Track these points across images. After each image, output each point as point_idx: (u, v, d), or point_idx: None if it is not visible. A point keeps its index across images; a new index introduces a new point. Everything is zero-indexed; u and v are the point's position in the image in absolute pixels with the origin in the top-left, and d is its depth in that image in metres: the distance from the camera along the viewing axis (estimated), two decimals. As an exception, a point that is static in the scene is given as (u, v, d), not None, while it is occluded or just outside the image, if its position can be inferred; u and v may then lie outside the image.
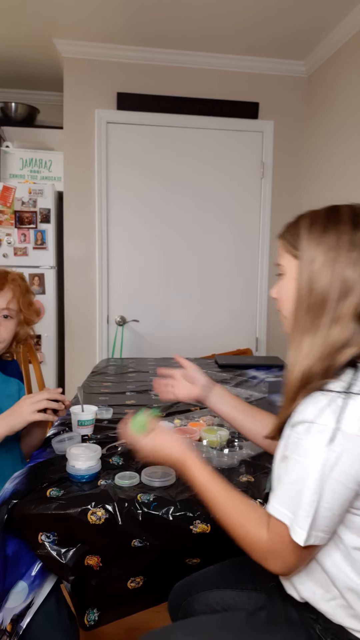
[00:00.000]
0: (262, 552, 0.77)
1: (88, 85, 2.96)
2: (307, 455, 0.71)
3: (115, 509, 0.96)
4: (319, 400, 0.73)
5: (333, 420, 0.70)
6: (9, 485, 1.03)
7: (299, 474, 0.72)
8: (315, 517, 0.70)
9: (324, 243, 0.78)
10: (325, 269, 0.77)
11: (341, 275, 0.76)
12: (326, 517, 0.71)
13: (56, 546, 0.95)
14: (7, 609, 0.93)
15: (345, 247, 0.77)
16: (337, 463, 0.69)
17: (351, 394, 0.72)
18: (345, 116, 2.62)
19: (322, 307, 0.77)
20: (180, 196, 3.12)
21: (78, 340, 3.12)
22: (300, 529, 0.71)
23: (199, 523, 0.97)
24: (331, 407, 0.71)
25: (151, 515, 0.97)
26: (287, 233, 0.86)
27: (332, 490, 0.70)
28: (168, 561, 1.03)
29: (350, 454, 0.69)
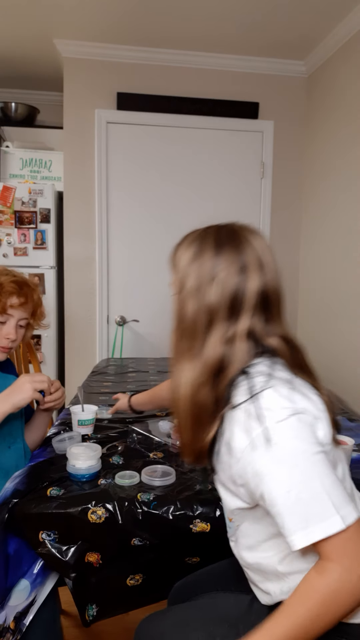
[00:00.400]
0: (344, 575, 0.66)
1: (88, 85, 2.96)
2: (278, 463, 0.70)
3: (115, 508, 0.97)
4: (239, 417, 0.75)
5: (263, 423, 0.71)
6: (9, 485, 1.03)
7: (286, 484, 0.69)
8: (332, 497, 0.68)
9: (192, 270, 0.81)
10: (192, 296, 0.80)
11: (206, 303, 0.79)
12: (338, 489, 0.69)
13: (57, 544, 0.96)
14: (10, 607, 0.93)
15: (208, 275, 0.79)
16: (303, 444, 0.70)
17: (255, 395, 0.74)
18: (345, 116, 2.62)
19: (194, 333, 0.80)
20: (180, 196, 3.12)
21: (78, 340, 3.13)
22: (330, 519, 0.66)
23: (198, 522, 0.97)
24: (250, 416, 0.73)
25: (151, 514, 0.97)
26: (173, 254, 0.89)
27: (322, 466, 0.70)
28: (168, 560, 1.03)
29: (300, 429, 0.71)
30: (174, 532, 0.97)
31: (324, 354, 2.84)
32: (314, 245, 2.98)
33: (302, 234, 3.18)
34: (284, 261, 3.22)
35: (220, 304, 0.79)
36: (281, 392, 0.74)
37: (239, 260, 0.81)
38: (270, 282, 0.84)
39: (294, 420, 0.71)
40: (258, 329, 0.81)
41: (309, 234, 3.06)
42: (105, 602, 1.01)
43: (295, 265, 3.23)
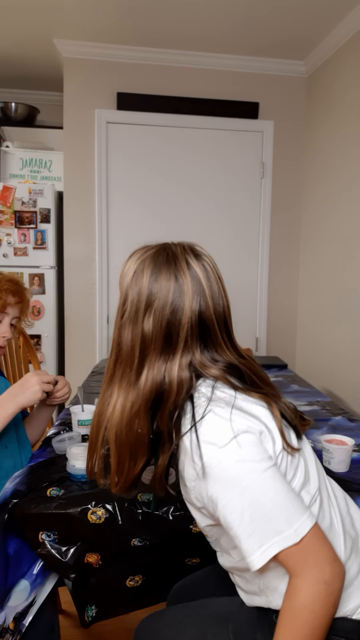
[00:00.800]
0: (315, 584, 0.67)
1: (88, 85, 2.96)
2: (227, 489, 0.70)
3: (115, 509, 0.97)
4: (186, 446, 0.74)
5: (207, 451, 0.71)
6: (9, 485, 1.03)
7: (239, 506, 0.69)
8: (283, 510, 0.68)
9: (129, 296, 0.80)
10: (128, 324, 0.79)
11: (141, 334, 0.78)
12: (290, 501, 0.69)
13: (57, 545, 0.96)
14: (9, 608, 0.93)
15: (143, 303, 0.78)
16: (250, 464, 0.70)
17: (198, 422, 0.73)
18: (345, 116, 2.62)
19: (128, 362, 0.79)
20: (180, 196, 3.12)
21: (78, 340, 3.13)
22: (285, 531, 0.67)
23: (199, 522, 0.97)
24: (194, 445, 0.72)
25: (151, 515, 0.97)
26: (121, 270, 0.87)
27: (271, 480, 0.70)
28: (167, 561, 1.03)
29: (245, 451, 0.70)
30: (173, 532, 0.97)
31: (324, 353, 2.84)
32: (314, 245, 2.98)
33: (302, 234, 3.18)
34: (284, 261, 3.22)
35: (155, 335, 0.77)
36: (221, 415, 0.73)
37: (174, 287, 0.78)
38: (210, 308, 0.81)
39: (235, 444, 0.70)
40: (197, 359, 0.79)
41: (309, 234, 3.06)
42: (105, 603, 1.01)
43: (295, 265, 3.23)
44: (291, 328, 3.28)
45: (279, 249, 3.21)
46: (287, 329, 3.27)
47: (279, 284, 3.23)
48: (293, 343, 3.31)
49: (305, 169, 3.14)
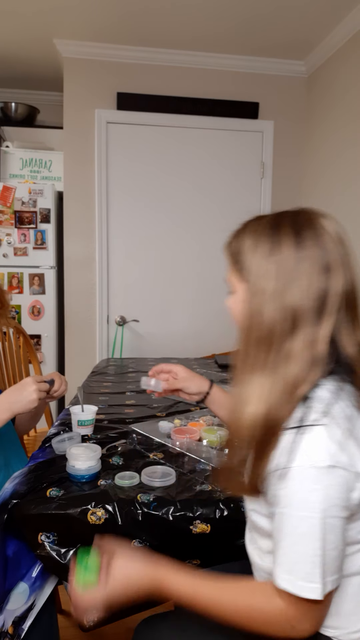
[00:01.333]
0: (286, 623, 0.69)
1: (88, 85, 2.96)
2: (290, 505, 0.67)
3: (115, 509, 0.96)
4: (283, 442, 0.69)
5: (299, 459, 0.66)
6: (8, 486, 1.03)
7: (292, 527, 0.67)
8: (325, 563, 0.66)
9: (267, 270, 0.71)
10: (273, 299, 0.70)
11: (290, 305, 0.70)
12: (334, 558, 0.67)
13: (56, 546, 0.95)
14: (8, 611, 0.92)
15: (291, 272, 0.70)
16: (324, 501, 0.64)
17: (305, 427, 0.67)
18: (345, 116, 2.62)
19: (270, 341, 0.71)
20: (180, 196, 3.12)
21: (78, 340, 3.12)
22: (313, 584, 0.66)
23: (198, 523, 0.97)
24: (291, 447, 0.67)
25: (151, 516, 0.97)
26: (231, 247, 0.79)
27: (332, 529, 0.65)
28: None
29: (332, 486, 0.65)
30: (174, 533, 0.97)
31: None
32: (314, 245, 2.98)
33: (302, 234, 3.18)
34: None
35: (304, 307, 0.69)
36: (332, 436, 0.66)
37: (322, 255, 0.71)
38: (352, 279, 0.73)
39: (326, 474, 0.65)
40: (341, 333, 0.72)
41: (309, 234, 3.06)
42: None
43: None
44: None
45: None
46: (287, 329, 3.27)
47: (279, 284, 3.22)
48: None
49: (305, 168, 3.14)
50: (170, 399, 1.76)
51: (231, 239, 0.80)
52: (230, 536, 0.98)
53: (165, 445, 1.27)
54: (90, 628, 0.99)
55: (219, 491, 1.02)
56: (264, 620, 0.71)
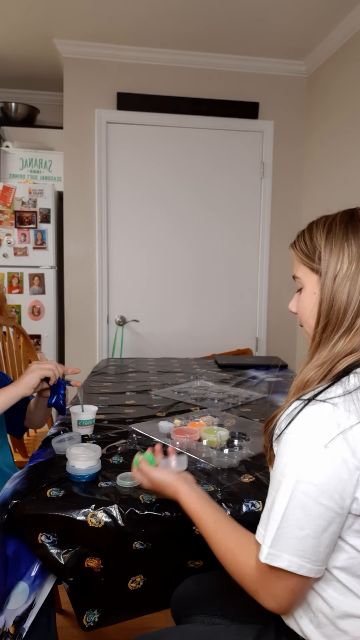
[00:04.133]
0: (252, 584, 0.72)
1: (88, 85, 2.96)
2: (276, 467, 0.69)
3: (116, 510, 0.96)
4: (290, 408, 0.70)
5: (293, 427, 0.67)
6: (9, 486, 1.03)
7: (272, 488, 0.69)
8: (280, 532, 0.66)
9: (346, 255, 0.74)
10: (347, 281, 0.73)
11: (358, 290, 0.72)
12: (298, 538, 0.65)
13: (56, 547, 0.95)
14: (8, 611, 0.92)
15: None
16: (302, 472, 0.65)
17: (316, 400, 0.68)
18: (345, 116, 2.62)
19: (340, 322, 0.73)
20: (180, 196, 3.12)
21: (78, 340, 3.12)
22: (264, 545, 0.67)
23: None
24: (293, 414, 0.68)
25: (153, 516, 0.96)
26: (301, 243, 0.81)
27: (300, 505, 0.65)
28: (170, 563, 1.02)
29: (312, 464, 0.64)
30: (176, 534, 0.97)
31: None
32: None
33: (302, 234, 3.18)
34: (284, 261, 3.22)
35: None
36: (336, 417, 0.66)
37: None
38: None
39: (310, 449, 0.65)
40: None
41: (309, 234, 3.06)
42: (107, 608, 1.00)
43: (296, 266, 3.22)
44: (291, 328, 3.28)
45: (279, 248, 3.21)
46: (287, 329, 3.27)
47: (278, 283, 3.23)
48: (293, 343, 3.30)
49: (305, 168, 3.14)
50: (170, 399, 1.76)
51: (300, 236, 0.82)
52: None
53: (166, 445, 1.27)
54: (91, 627, 0.99)
55: (220, 491, 1.02)
56: (239, 572, 0.74)
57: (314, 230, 0.79)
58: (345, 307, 0.73)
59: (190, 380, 2.09)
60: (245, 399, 1.76)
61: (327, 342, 0.75)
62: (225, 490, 1.03)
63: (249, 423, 1.46)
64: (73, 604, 0.98)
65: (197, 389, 1.91)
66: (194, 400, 1.74)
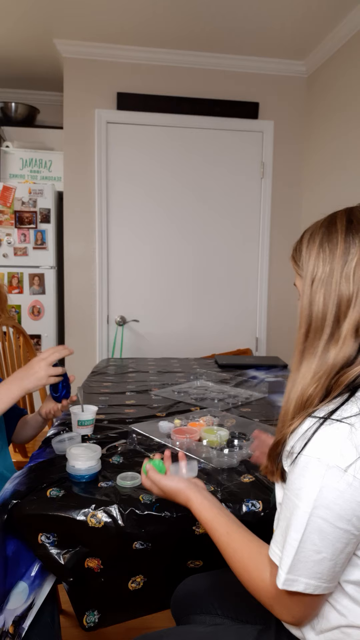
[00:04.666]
0: (267, 599, 0.71)
1: (88, 85, 2.96)
2: (291, 489, 0.66)
3: (116, 510, 0.96)
4: (303, 427, 0.68)
5: (309, 448, 0.65)
6: (9, 486, 1.03)
7: (287, 509, 0.67)
8: (297, 558, 0.64)
9: (320, 259, 0.73)
10: (322, 286, 0.72)
11: (337, 289, 0.71)
12: (314, 562, 0.64)
13: (56, 547, 0.95)
14: (8, 611, 0.92)
15: (341, 259, 0.71)
16: (319, 498, 0.63)
17: (332, 420, 0.66)
18: (345, 116, 2.62)
19: (321, 328, 0.72)
20: (180, 196, 3.12)
21: (78, 340, 3.12)
22: (281, 570, 0.66)
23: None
24: (308, 434, 0.66)
25: (153, 516, 0.96)
26: (293, 251, 0.81)
27: (318, 530, 0.63)
28: (170, 563, 1.02)
29: (330, 488, 0.62)
30: (176, 534, 0.97)
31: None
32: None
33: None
34: (284, 261, 3.22)
35: (354, 291, 0.70)
36: (353, 439, 0.63)
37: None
38: None
39: (328, 473, 0.62)
40: None
41: (309, 234, 3.06)
42: (107, 608, 1.00)
43: (296, 266, 3.22)
44: (291, 328, 3.27)
45: (279, 248, 3.21)
46: (287, 329, 3.27)
47: (278, 283, 3.23)
48: (293, 343, 3.30)
49: (305, 168, 3.14)
50: (170, 399, 1.76)
51: (295, 245, 0.82)
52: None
53: (166, 445, 1.27)
54: (91, 628, 0.99)
55: (220, 491, 1.02)
56: (253, 586, 0.73)
57: (302, 238, 0.80)
58: (323, 312, 0.72)
59: (190, 380, 2.09)
60: (245, 399, 1.76)
61: (312, 350, 0.73)
62: (225, 490, 1.03)
63: (249, 423, 1.46)
64: (73, 605, 0.98)
65: (197, 389, 1.91)
66: (194, 400, 1.74)
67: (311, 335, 0.74)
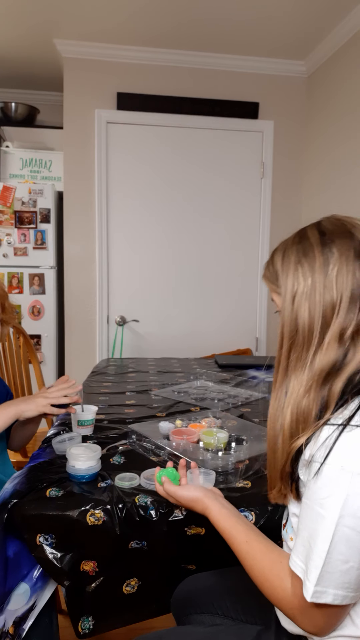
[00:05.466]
0: (289, 610, 0.71)
1: (88, 85, 2.96)
2: (314, 498, 0.66)
3: (113, 510, 0.96)
4: (323, 436, 0.67)
5: (332, 457, 0.64)
6: (8, 485, 1.03)
7: (310, 520, 0.66)
8: (326, 569, 0.64)
9: (300, 275, 0.74)
10: (306, 300, 0.73)
11: (322, 300, 0.71)
12: (342, 572, 0.64)
13: (54, 549, 0.95)
14: (9, 611, 0.92)
15: (321, 270, 0.72)
16: (345, 507, 0.62)
17: (352, 426, 0.66)
18: (345, 116, 2.62)
19: (309, 340, 0.73)
20: (180, 196, 3.12)
21: (78, 340, 3.12)
22: (308, 582, 0.65)
23: (194, 526, 0.97)
24: (329, 443, 0.66)
25: (148, 518, 0.96)
26: (266, 271, 0.83)
27: (345, 539, 0.63)
28: (164, 566, 1.02)
29: (359, 495, 0.62)
30: (170, 535, 0.97)
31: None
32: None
33: (302, 234, 3.18)
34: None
35: (338, 299, 0.71)
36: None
37: (351, 245, 0.73)
38: None
39: (353, 479, 0.62)
40: None
41: (309, 234, 3.06)
42: (101, 613, 1.00)
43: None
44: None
45: (279, 249, 3.21)
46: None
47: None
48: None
49: (305, 168, 3.14)
50: (170, 399, 1.76)
51: (266, 265, 0.83)
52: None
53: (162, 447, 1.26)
54: (86, 635, 0.99)
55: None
56: (275, 596, 0.73)
57: (274, 257, 0.81)
58: (310, 324, 0.72)
59: (190, 380, 2.09)
60: (245, 399, 1.76)
61: (300, 362, 0.73)
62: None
63: (250, 426, 1.45)
64: (69, 609, 0.98)
65: (197, 389, 1.91)
66: (194, 400, 1.74)
67: (297, 348, 0.74)
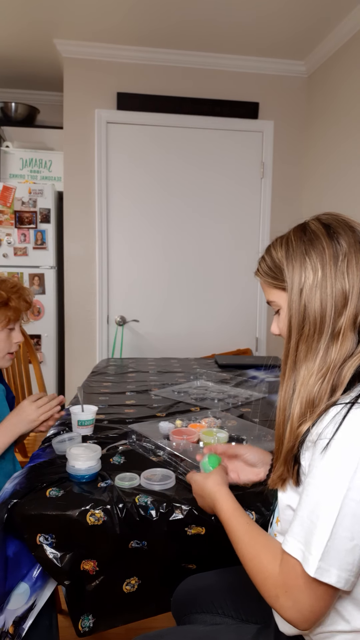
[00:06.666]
0: (273, 588, 0.70)
1: (88, 85, 2.96)
2: (317, 475, 0.66)
3: (113, 510, 0.96)
4: (330, 414, 0.68)
5: (341, 432, 0.65)
6: (8, 485, 1.03)
7: (311, 498, 0.66)
8: (331, 545, 0.63)
9: (309, 267, 0.75)
10: (317, 290, 0.74)
11: (333, 290, 0.73)
12: (347, 550, 0.63)
13: (54, 549, 0.95)
14: (8, 611, 0.92)
15: (331, 261, 0.74)
16: (353, 480, 0.62)
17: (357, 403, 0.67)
18: (345, 116, 2.62)
19: (320, 330, 0.73)
20: (180, 196, 3.12)
21: (78, 340, 3.12)
22: (311, 556, 0.64)
23: (194, 526, 0.97)
24: (337, 419, 0.66)
25: (148, 518, 0.97)
26: (264, 267, 0.84)
27: (351, 514, 0.62)
28: (164, 565, 1.03)
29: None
30: (170, 535, 0.97)
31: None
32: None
33: (302, 234, 3.18)
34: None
35: (350, 288, 0.72)
36: None
37: (356, 238, 0.75)
38: None
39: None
40: None
41: (309, 234, 3.06)
42: (101, 612, 1.00)
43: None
44: (291, 328, 3.27)
45: (279, 249, 3.21)
46: (287, 329, 3.27)
47: (279, 284, 3.22)
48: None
49: (305, 168, 3.14)
50: (170, 399, 1.76)
51: (262, 261, 0.85)
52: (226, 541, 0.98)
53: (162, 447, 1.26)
54: (86, 633, 0.99)
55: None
56: (261, 576, 0.72)
57: (273, 252, 0.82)
58: (322, 314, 0.73)
59: (190, 380, 2.09)
60: (245, 399, 1.76)
61: (311, 353, 0.74)
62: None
63: (250, 426, 1.46)
64: (69, 608, 0.98)
65: (197, 389, 1.91)
66: (194, 400, 1.74)
67: (307, 339, 0.75)
